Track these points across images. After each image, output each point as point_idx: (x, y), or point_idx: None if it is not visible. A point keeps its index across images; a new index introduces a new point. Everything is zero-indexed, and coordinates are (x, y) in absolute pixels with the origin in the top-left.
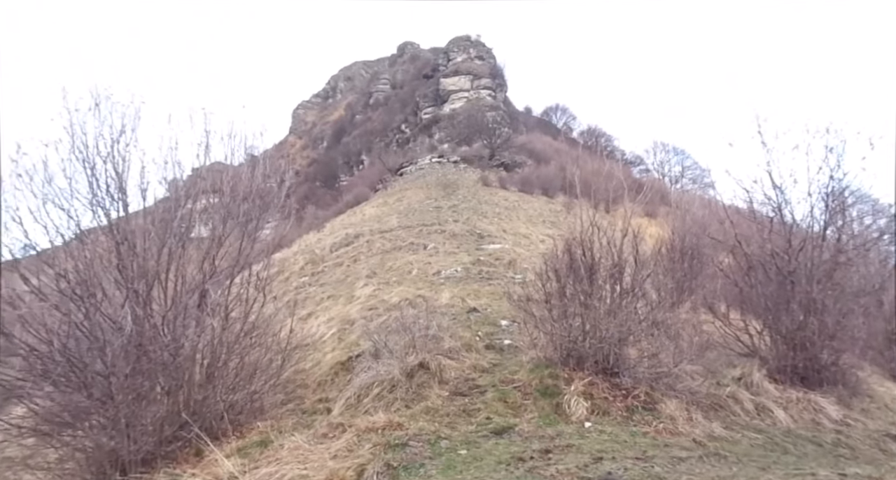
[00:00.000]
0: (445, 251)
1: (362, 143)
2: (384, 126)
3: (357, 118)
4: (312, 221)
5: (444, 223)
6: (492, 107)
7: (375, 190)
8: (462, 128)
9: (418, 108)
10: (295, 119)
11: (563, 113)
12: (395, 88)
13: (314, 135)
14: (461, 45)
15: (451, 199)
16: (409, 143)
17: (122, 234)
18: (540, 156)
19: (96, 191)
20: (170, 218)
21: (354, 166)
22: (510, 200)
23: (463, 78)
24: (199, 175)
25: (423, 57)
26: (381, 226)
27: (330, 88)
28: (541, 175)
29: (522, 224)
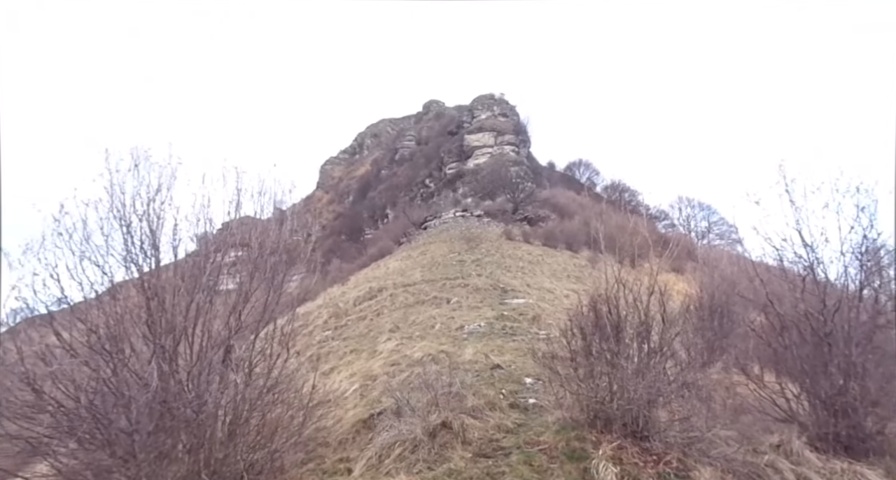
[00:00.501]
0: (469, 305)
1: (387, 198)
2: (409, 181)
3: (383, 173)
4: (337, 274)
5: (467, 277)
6: (515, 163)
7: (399, 243)
8: (486, 183)
9: (443, 164)
10: (322, 174)
11: (586, 168)
12: (421, 144)
13: (341, 190)
14: (485, 102)
15: (474, 253)
16: (433, 198)
17: (152, 290)
18: (563, 210)
19: (131, 248)
20: (199, 273)
21: (379, 220)
22: (534, 254)
23: (487, 134)
24: (229, 230)
25: (447, 114)
26: (404, 280)
27: (357, 145)
28: (565, 229)
29: (546, 278)
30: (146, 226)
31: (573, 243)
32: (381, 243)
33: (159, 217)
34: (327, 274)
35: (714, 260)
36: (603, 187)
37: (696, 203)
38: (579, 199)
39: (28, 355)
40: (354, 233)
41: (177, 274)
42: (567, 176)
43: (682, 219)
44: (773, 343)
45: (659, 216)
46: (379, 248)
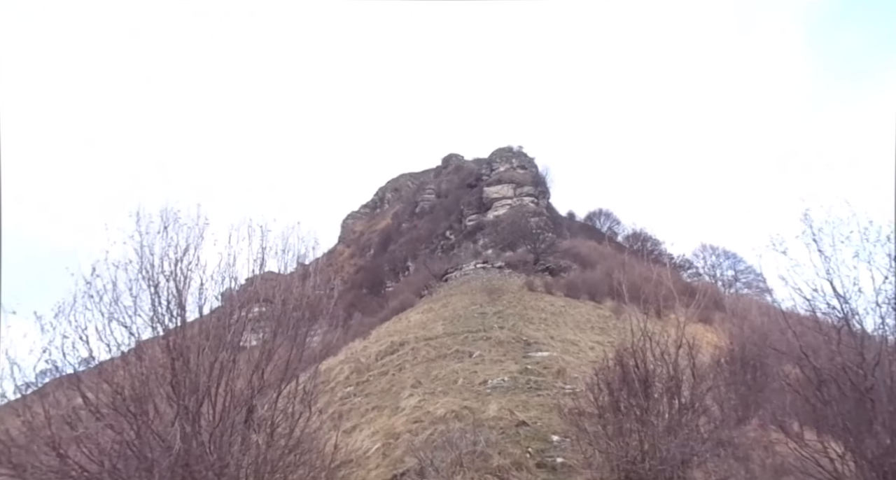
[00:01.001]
0: (491, 359)
1: (408, 250)
2: (429, 233)
3: (403, 226)
4: (359, 328)
5: (489, 329)
6: (535, 213)
7: (421, 296)
8: (506, 234)
9: (462, 216)
10: (344, 228)
11: (606, 217)
12: (441, 197)
13: (362, 244)
14: (504, 155)
15: (496, 305)
16: (453, 250)
17: (177, 350)
18: (585, 260)
19: (157, 308)
20: (223, 330)
21: (400, 273)
22: (556, 306)
23: (506, 186)
24: (253, 285)
25: (466, 167)
26: (426, 333)
27: (378, 199)
28: (587, 280)
29: (570, 330)
30: (173, 287)
31: (596, 293)
32: (403, 296)
33: (186, 277)
34: (349, 328)
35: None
36: (624, 236)
37: (721, 251)
38: (601, 249)
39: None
40: (376, 286)
41: (201, 333)
42: (588, 226)
43: (707, 267)
44: (811, 398)
45: (683, 265)
46: (400, 301)
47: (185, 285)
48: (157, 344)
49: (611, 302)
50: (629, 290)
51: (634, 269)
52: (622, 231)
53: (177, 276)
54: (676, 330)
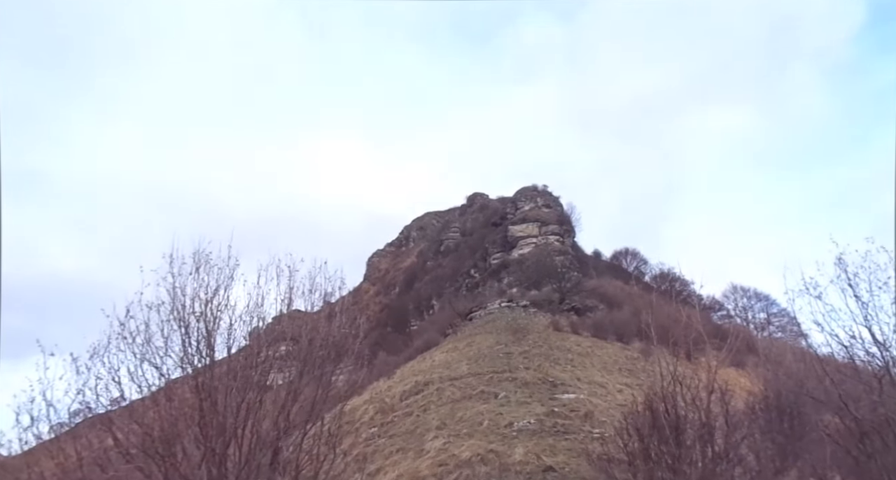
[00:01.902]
0: (517, 400)
1: (433, 289)
2: (454, 272)
3: (428, 264)
4: (383, 367)
5: (514, 370)
6: (560, 252)
7: (445, 334)
8: (531, 273)
9: (487, 254)
10: (369, 267)
11: (633, 257)
12: (465, 236)
13: (387, 282)
14: (528, 194)
15: (521, 345)
16: (478, 288)
17: (206, 391)
18: (612, 300)
19: (188, 348)
20: (250, 371)
21: (425, 311)
22: (583, 346)
23: (531, 225)
24: (280, 324)
25: (491, 206)
26: (450, 373)
27: (403, 237)
28: (614, 320)
29: (597, 371)
30: (203, 327)
31: (624, 334)
32: (427, 335)
33: (216, 317)
34: (374, 367)
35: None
36: (652, 276)
37: (752, 293)
38: (628, 289)
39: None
40: (400, 325)
41: (229, 372)
42: (614, 265)
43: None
44: (852, 450)
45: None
46: (425, 340)
47: (214, 325)
48: (186, 384)
49: (639, 344)
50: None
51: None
52: (649, 270)
53: (207, 317)
54: (708, 375)
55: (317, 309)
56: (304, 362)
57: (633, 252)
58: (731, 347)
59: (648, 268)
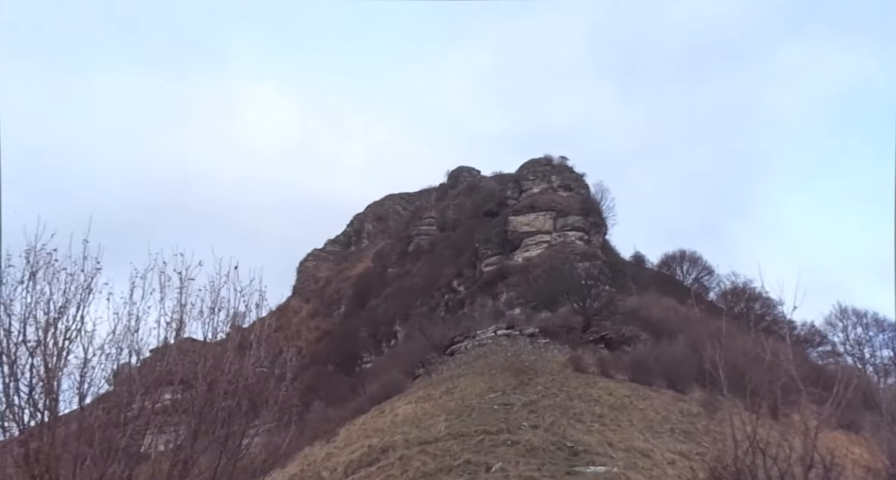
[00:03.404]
0: (520, 475)
1: (396, 308)
2: (428, 283)
3: (390, 272)
4: (320, 425)
5: (516, 430)
6: (584, 256)
7: (414, 377)
8: (541, 286)
9: (477, 258)
10: (301, 275)
11: (691, 264)
12: (445, 230)
13: (328, 298)
14: (538, 169)
15: (526, 393)
16: (463, 308)
17: (42, 464)
18: (660, 328)
19: (13, 399)
20: (114, 432)
21: (384, 341)
22: (617, 395)
23: (542, 215)
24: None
25: (483, 187)
26: (421, 435)
27: (353, 231)
28: (663, 357)
29: (638, 434)
30: (40, 365)
31: (677, 378)
32: (387, 376)
33: (62, 350)
34: (305, 425)
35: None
36: (719, 293)
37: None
38: (683, 311)
39: None
40: (347, 362)
41: (81, 435)
42: (663, 275)
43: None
44: None
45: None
46: (383, 384)
47: (59, 362)
48: (10, 453)
49: (700, 393)
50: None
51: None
52: (716, 284)
53: (47, 349)
54: (804, 441)
55: (221, 338)
56: (201, 417)
57: (692, 257)
58: (838, 399)
59: (714, 281)
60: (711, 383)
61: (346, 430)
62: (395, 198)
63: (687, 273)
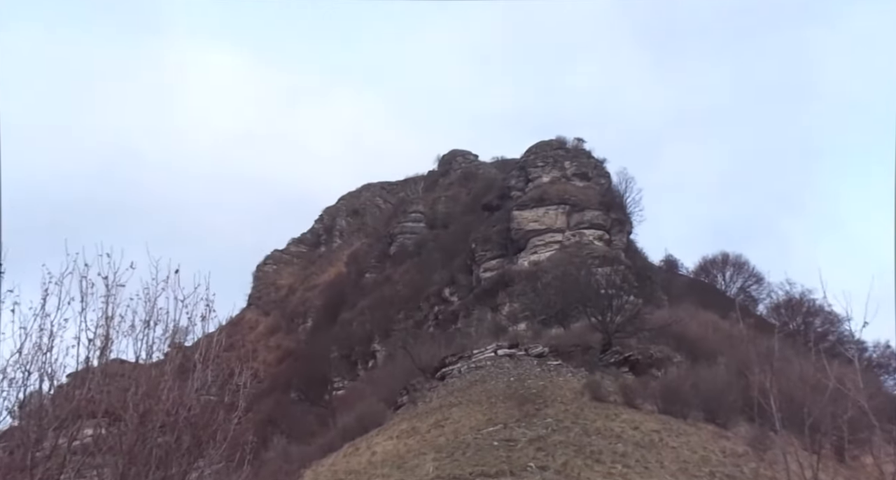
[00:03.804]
0: None
1: (374, 323)
2: (414, 292)
3: (367, 279)
4: (280, 466)
5: (520, 472)
6: (605, 260)
7: (397, 406)
8: (552, 297)
9: (474, 262)
10: (258, 281)
11: (736, 270)
12: (435, 228)
13: (291, 310)
14: (549, 155)
15: (533, 426)
16: (456, 323)
17: None
18: (697, 347)
19: None
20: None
21: (360, 363)
22: (644, 430)
23: (553, 210)
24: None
25: (482, 175)
26: (404, 477)
27: (322, 229)
28: (701, 383)
29: (671, 477)
30: None
31: (718, 410)
32: (364, 406)
33: None
34: (263, 465)
35: None
36: (771, 306)
37: None
38: (726, 328)
39: None
40: (314, 388)
41: None
42: (701, 284)
43: None
44: None
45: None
46: (359, 416)
47: None
48: None
49: (746, 429)
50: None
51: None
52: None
53: None
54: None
55: (158, 359)
56: (131, 457)
57: (737, 261)
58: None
59: (764, 292)
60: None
61: (312, 472)
62: (374, 188)
63: (730, 281)
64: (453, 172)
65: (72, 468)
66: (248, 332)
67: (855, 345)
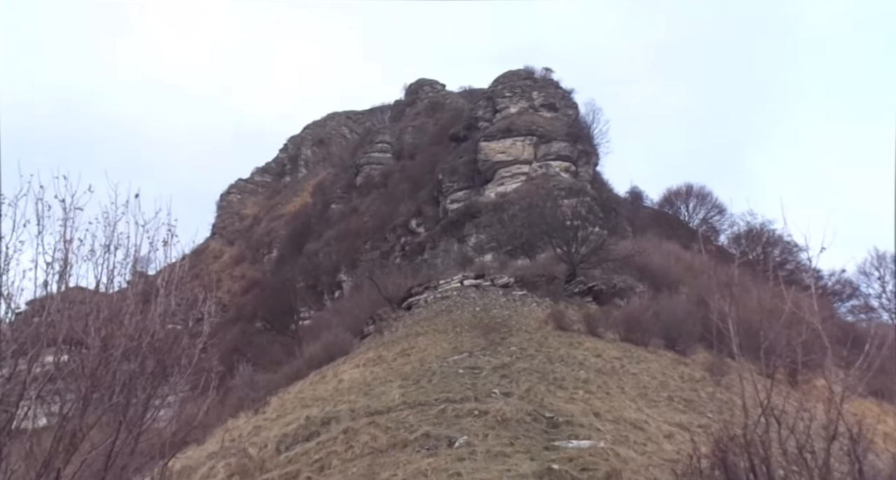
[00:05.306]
0: (488, 451)
1: (341, 254)
2: (380, 223)
3: (333, 209)
4: (246, 393)
5: (485, 398)
6: (571, 192)
7: (363, 336)
8: (518, 228)
9: (441, 193)
10: (223, 211)
11: (699, 201)
12: (401, 159)
13: (256, 240)
14: (517, 84)
15: (498, 354)
16: (423, 254)
17: None
18: (660, 277)
19: None
20: None
21: (326, 293)
22: (606, 357)
23: (520, 141)
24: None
25: (449, 105)
26: (370, 404)
27: (287, 158)
28: (663, 312)
29: (630, 402)
30: None
31: (678, 338)
32: (330, 335)
33: None
34: (228, 392)
35: None
36: (732, 236)
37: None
38: (688, 258)
39: None
40: (280, 318)
41: None
42: (665, 215)
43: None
44: None
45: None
46: (325, 345)
47: None
48: None
49: (705, 355)
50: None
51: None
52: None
53: None
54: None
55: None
56: (93, 381)
57: (700, 193)
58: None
59: (726, 222)
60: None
61: (278, 399)
62: (339, 117)
63: (693, 212)
64: (420, 102)
65: (33, 395)
66: (213, 262)
67: (811, 273)
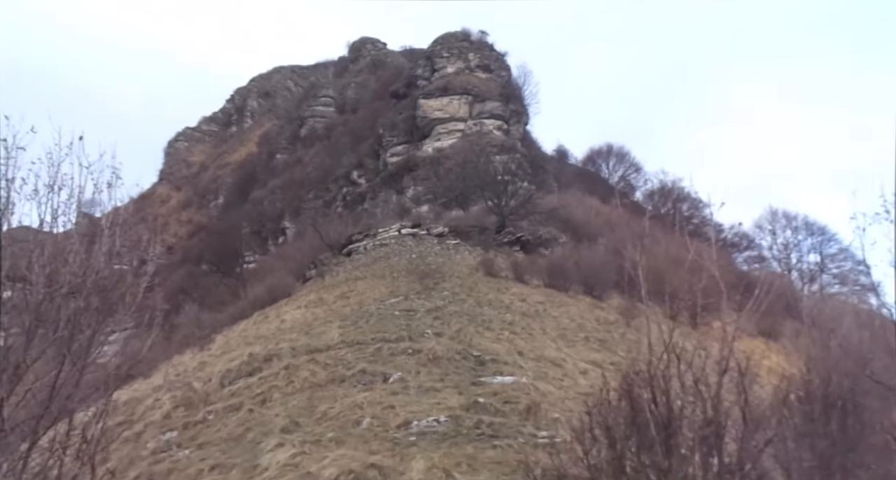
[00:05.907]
0: (420, 386)
1: (285, 202)
2: (323, 173)
3: (278, 158)
4: (192, 332)
5: (418, 338)
6: (503, 148)
7: (305, 279)
8: (453, 181)
9: (381, 146)
10: (170, 157)
11: (618, 160)
12: (344, 113)
13: (202, 186)
14: (454, 45)
15: (431, 298)
16: (363, 203)
17: None
18: (581, 229)
19: None
20: None
21: (270, 239)
22: (531, 302)
23: (456, 100)
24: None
25: (390, 64)
26: (310, 342)
27: (233, 109)
28: (582, 261)
29: (550, 342)
30: None
31: (595, 284)
32: (273, 278)
33: None
34: (174, 329)
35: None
36: (646, 192)
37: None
38: (607, 212)
39: None
40: (226, 261)
41: None
42: (587, 172)
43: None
44: None
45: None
46: (269, 287)
47: None
48: None
49: (619, 300)
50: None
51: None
52: (642, 183)
53: None
54: (721, 347)
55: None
56: (38, 315)
57: (620, 152)
58: (758, 305)
59: (642, 180)
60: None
61: (223, 337)
62: (285, 71)
63: (613, 169)
64: (363, 59)
65: None
66: (160, 206)
67: (713, 227)
